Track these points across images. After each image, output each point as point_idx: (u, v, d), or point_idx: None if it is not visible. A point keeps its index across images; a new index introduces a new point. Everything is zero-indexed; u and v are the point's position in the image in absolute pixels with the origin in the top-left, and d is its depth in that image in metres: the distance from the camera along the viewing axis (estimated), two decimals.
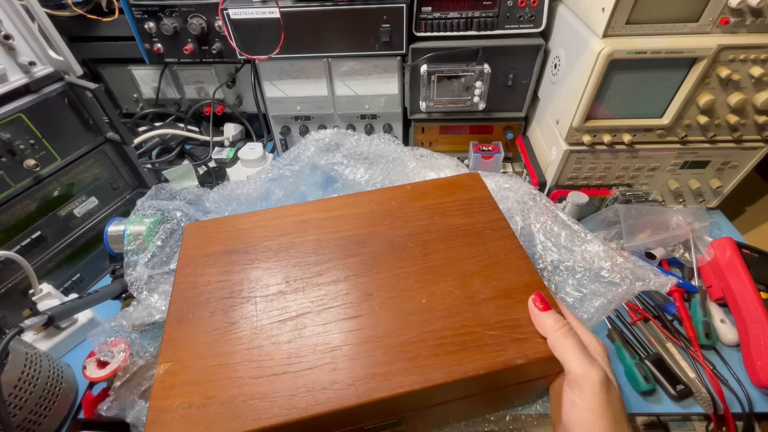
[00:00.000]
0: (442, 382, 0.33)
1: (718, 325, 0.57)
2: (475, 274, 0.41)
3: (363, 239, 0.45)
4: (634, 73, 0.57)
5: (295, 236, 0.46)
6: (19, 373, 0.43)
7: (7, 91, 0.51)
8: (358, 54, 0.72)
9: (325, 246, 0.44)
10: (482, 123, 0.83)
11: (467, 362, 0.34)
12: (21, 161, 0.53)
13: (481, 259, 0.42)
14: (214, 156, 0.89)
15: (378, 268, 0.42)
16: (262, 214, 0.49)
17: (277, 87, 0.78)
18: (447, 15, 0.68)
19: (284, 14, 0.66)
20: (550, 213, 0.61)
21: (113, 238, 0.53)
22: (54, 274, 0.60)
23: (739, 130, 0.63)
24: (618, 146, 0.65)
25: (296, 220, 0.48)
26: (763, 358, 0.51)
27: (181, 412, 0.33)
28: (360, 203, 0.49)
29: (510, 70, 0.74)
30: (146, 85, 0.90)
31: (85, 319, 0.58)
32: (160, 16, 0.74)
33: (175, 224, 0.59)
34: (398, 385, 0.33)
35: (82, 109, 0.59)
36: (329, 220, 0.47)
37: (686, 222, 0.65)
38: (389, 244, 0.44)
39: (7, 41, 0.49)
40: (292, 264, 0.43)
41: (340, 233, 0.46)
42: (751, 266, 0.58)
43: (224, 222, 0.48)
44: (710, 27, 0.54)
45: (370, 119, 0.83)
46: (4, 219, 0.53)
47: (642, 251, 0.65)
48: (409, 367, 0.34)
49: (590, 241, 0.58)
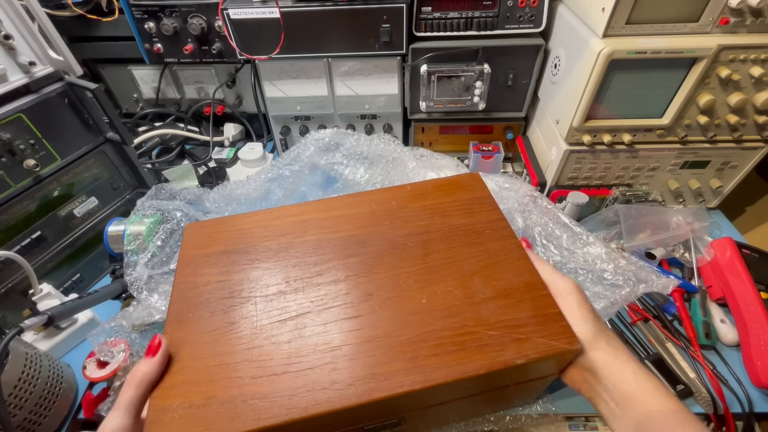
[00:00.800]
0: (442, 382, 0.33)
1: (718, 325, 0.57)
2: (475, 274, 0.41)
3: (363, 239, 0.45)
4: (634, 73, 0.57)
5: (295, 236, 0.46)
6: (19, 373, 0.43)
7: (7, 91, 0.51)
8: (358, 54, 0.72)
9: (325, 246, 0.44)
10: (482, 123, 0.83)
11: (467, 362, 0.34)
12: (21, 161, 0.53)
13: (481, 259, 0.42)
14: (214, 156, 0.89)
15: (378, 268, 0.42)
16: (262, 214, 0.49)
17: (277, 87, 0.78)
18: (447, 15, 0.68)
19: (284, 14, 0.66)
20: (551, 214, 0.61)
21: (113, 238, 0.53)
22: (54, 274, 0.60)
23: (739, 130, 0.63)
24: (618, 146, 0.65)
25: (296, 220, 0.47)
26: (763, 358, 0.51)
27: (181, 412, 0.32)
28: (360, 203, 0.49)
29: (510, 70, 0.74)
30: (146, 85, 0.90)
31: (85, 319, 0.58)
32: (160, 16, 0.74)
33: (175, 224, 0.59)
34: (398, 385, 0.33)
35: (82, 109, 0.59)
36: (329, 220, 0.47)
37: (686, 222, 0.65)
38: (389, 244, 0.44)
39: (7, 41, 0.49)
40: (292, 264, 0.43)
41: (340, 233, 0.46)
42: (751, 266, 0.58)
43: (224, 222, 0.48)
44: (710, 27, 0.54)
45: (370, 119, 0.83)
46: (4, 219, 0.53)
47: (642, 251, 0.65)
48: (409, 367, 0.34)
49: (592, 244, 0.58)
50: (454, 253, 0.43)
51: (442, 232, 0.45)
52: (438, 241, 0.44)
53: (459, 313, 0.38)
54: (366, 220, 0.47)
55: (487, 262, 0.42)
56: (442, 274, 0.41)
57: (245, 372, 0.34)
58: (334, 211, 0.48)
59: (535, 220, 0.62)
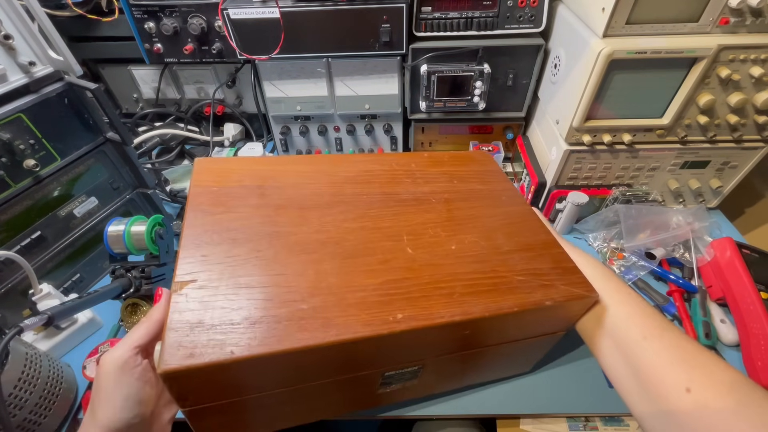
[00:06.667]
0: (479, 316, 0.35)
1: (718, 325, 0.57)
2: (497, 230, 0.43)
3: (387, 191, 0.47)
4: (634, 73, 0.57)
5: (312, 181, 0.46)
6: (19, 373, 0.43)
7: (7, 91, 0.51)
8: (358, 54, 0.72)
9: (347, 194, 0.45)
10: (482, 123, 0.83)
11: (501, 300, 0.36)
12: (21, 161, 0.53)
13: (500, 219, 0.45)
14: (214, 156, 0.89)
15: (405, 217, 0.43)
16: (276, 159, 0.51)
17: (277, 87, 0.78)
18: (447, 15, 0.68)
19: (284, 14, 0.66)
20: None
21: (113, 238, 0.53)
22: (54, 274, 0.60)
23: (739, 130, 0.63)
24: (618, 146, 0.65)
25: (313, 169, 0.48)
26: (763, 358, 0.51)
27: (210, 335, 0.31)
28: (381, 162, 0.51)
29: (510, 70, 0.74)
30: (146, 85, 0.90)
31: (85, 319, 0.58)
32: (160, 16, 0.74)
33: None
34: (438, 315, 0.34)
35: (82, 109, 0.59)
36: (349, 172, 0.48)
37: (686, 222, 0.65)
38: (414, 198, 0.46)
39: (7, 41, 0.49)
40: (313, 205, 0.43)
41: (364, 185, 0.47)
42: (751, 266, 0.58)
43: (238, 161, 0.49)
44: (710, 27, 0.54)
45: (370, 119, 0.83)
46: (4, 219, 0.53)
47: (642, 251, 0.65)
48: (447, 302, 0.35)
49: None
50: (476, 212, 0.45)
51: (462, 194, 0.48)
52: (459, 200, 0.47)
53: (487, 259, 0.40)
54: (388, 177, 0.49)
55: (507, 222, 0.45)
56: (467, 227, 0.43)
57: (276, 295, 0.34)
58: (355, 164, 0.50)
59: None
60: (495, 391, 0.51)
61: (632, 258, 0.65)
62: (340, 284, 0.35)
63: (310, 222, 0.41)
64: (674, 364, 0.32)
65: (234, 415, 0.37)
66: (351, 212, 0.43)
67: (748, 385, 0.30)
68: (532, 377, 0.53)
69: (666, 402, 0.31)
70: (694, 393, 0.30)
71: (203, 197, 0.42)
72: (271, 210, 0.42)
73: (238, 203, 0.42)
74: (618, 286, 0.40)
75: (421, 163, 0.52)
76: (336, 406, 0.45)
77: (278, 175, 0.46)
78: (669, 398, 0.31)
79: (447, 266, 0.38)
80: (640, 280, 0.63)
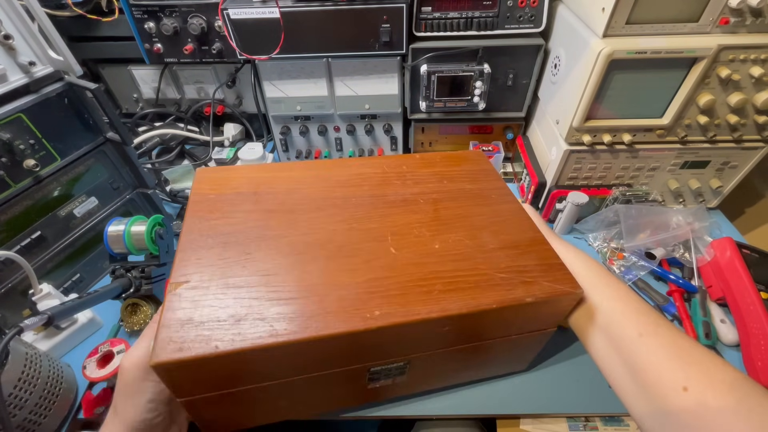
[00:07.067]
0: (457, 313, 0.35)
1: (718, 325, 0.57)
2: (483, 228, 0.44)
3: (376, 193, 0.47)
4: (634, 73, 0.57)
5: (307, 185, 0.48)
6: (19, 373, 0.43)
7: (7, 91, 0.51)
8: (358, 54, 0.72)
9: (337, 197, 0.47)
10: (482, 123, 0.83)
11: (481, 297, 0.36)
12: (21, 161, 0.53)
13: (488, 217, 0.45)
14: (214, 156, 0.89)
15: (391, 218, 0.44)
16: (272, 166, 0.52)
17: (277, 87, 0.78)
18: (447, 15, 0.68)
19: (284, 14, 0.66)
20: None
21: (113, 238, 0.53)
22: (54, 274, 0.60)
23: (739, 130, 0.63)
24: (618, 146, 0.65)
25: (309, 174, 0.50)
26: (763, 358, 0.51)
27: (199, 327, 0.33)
28: (372, 165, 0.52)
29: (510, 70, 0.74)
30: (146, 85, 0.90)
31: (85, 319, 0.58)
32: (160, 16, 0.74)
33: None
34: (415, 312, 0.35)
35: (82, 109, 0.59)
36: (342, 176, 0.50)
37: (686, 222, 0.65)
38: (402, 200, 0.47)
39: (7, 41, 0.49)
40: (304, 208, 0.45)
41: (353, 187, 0.48)
42: (751, 266, 0.58)
43: (235, 170, 0.50)
44: (710, 27, 0.54)
45: (370, 119, 0.83)
46: (4, 219, 0.53)
47: (642, 251, 0.65)
48: (425, 299, 0.36)
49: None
50: (463, 211, 0.46)
51: (451, 193, 0.48)
52: (448, 200, 0.47)
53: (470, 257, 0.40)
54: (378, 179, 0.50)
55: (495, 220, 0.45)
56: (453, 226, 0.44)
57: (262, 294, 0.35)
58: (348, 168, 0.51)
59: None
60: (495, 391, 0.51)
61: (632, 258, 0.65)
62: (322, 283, 0.37)
63: (299, 225, 0.42)
64: (671, 362, 0.32)
65: (228, 407, 0.38)
66: (339, 215, 0.44)
67: (748, 384, 0.30)
68: (532, 377, 0.53)
69: (664, 401, 0.31)
70: (692, 391, 0.30)
71: (201, 205, 0.44)
72: (264, 214, 0.43)
73: (233, 209, 0.44)
74: (610, 282, 0.40)
75: (412, 165, 0.53)
76: (329, 401, 0.46)
77: (273, 182, 0.48)
78: (667, 397, 0.31)
79: (429, 265, 0.39)
80: (640, 280, 0.63)
